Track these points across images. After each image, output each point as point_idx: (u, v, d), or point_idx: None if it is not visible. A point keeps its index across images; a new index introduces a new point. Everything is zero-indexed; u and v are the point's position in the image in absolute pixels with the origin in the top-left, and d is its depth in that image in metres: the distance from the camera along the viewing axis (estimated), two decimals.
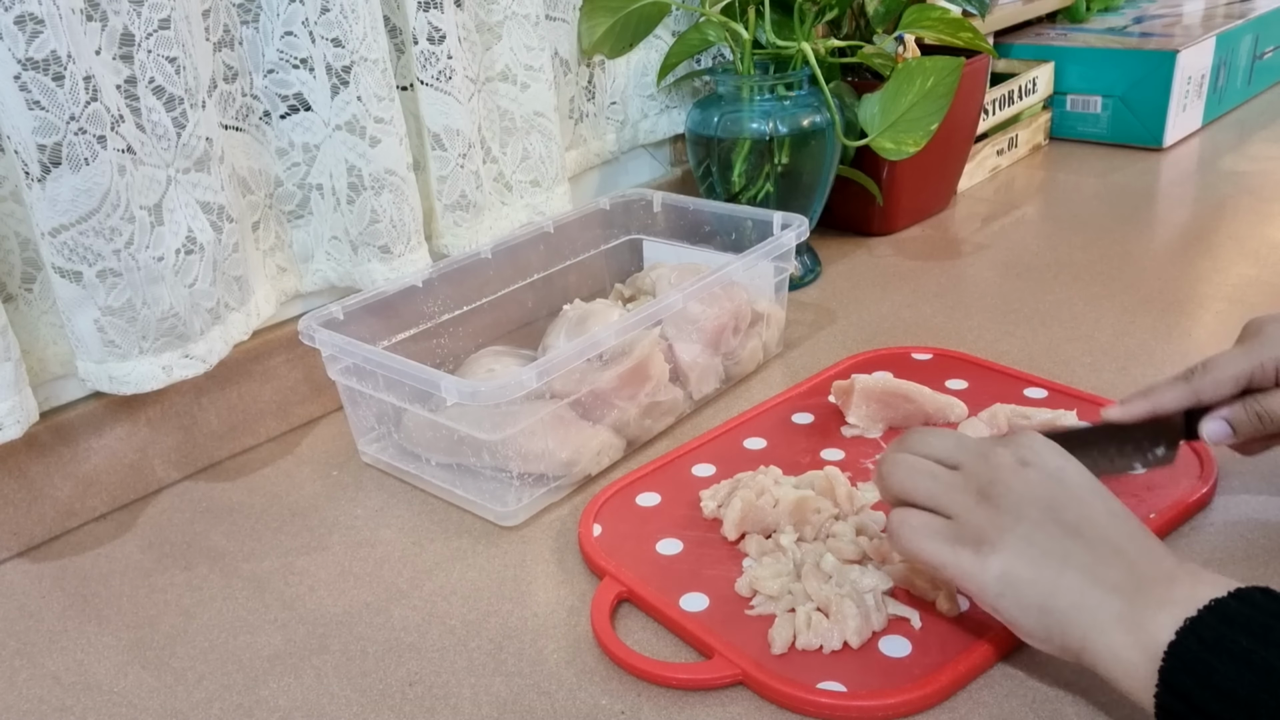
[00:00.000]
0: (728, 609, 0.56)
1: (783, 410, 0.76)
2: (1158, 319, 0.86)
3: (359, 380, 0.72)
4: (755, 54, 0.94)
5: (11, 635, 0.62)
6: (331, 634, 0.59)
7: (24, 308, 0.68)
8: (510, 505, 0.67)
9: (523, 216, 0.91)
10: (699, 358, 0.77)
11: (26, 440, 0.67)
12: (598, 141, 1.01)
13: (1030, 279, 0.96)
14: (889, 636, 0.53)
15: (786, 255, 0.82)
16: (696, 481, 0.68)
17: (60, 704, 0.56)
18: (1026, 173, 1.26)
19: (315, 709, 0.54)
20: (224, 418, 0.78)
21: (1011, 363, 0.80)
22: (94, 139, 0.61)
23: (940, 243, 1.07)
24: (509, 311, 0.87)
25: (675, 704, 0.52)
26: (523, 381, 0.62)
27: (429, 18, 0.78)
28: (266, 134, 0.77)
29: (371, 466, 0.76)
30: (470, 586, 0.62)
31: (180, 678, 0.57)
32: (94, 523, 0.73)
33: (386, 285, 0.78)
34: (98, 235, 0.63)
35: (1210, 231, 1.03)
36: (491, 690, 0.54)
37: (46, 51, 0.58)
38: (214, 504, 0.74)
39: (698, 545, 0.62)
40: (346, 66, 0.74)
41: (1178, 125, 1.29)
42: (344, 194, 0.78)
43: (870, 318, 0.91)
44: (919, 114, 0.94)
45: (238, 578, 0.65)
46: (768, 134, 0.91)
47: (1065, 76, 1.32)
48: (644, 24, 0.98)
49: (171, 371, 0.68)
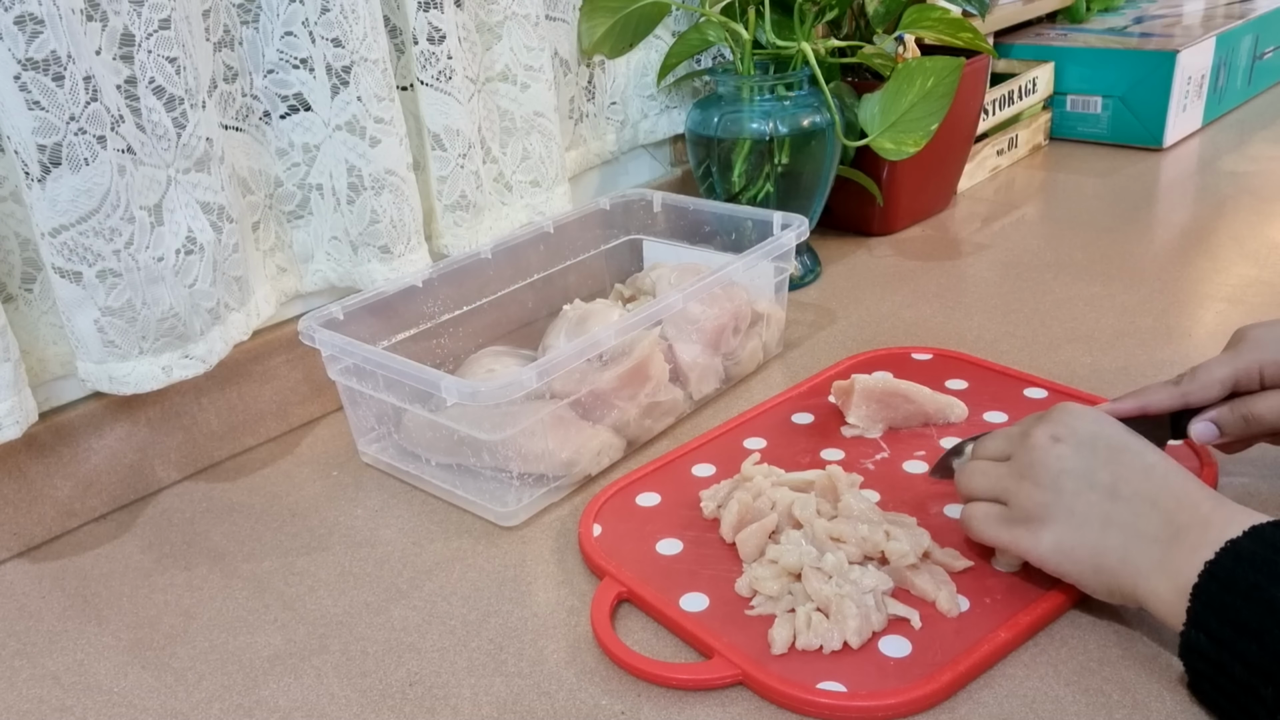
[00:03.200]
0: (728, 609, 0.56)
1: (783, 410, 0.76)
2: (1158, 319, 0.86)
3: (359, 380, 0.72)
4: (755, 54, 0.94)
5: (11, 635, 0.62)
6: (331, 634, 0.59)
7: (24, 308, 0.68)
8: (510, 505, 0.67)
9: (523, 216, 0.91)
10: (699, 358, 0.77)
11: (26, 440, 0.67)
12: (598, 141, 1.01)
13: (1030, 279, 0.96)
14: (889, 636, 0.53)
15: (786, 255, 0.82)
16: (696, 482, 0.68)
17: (60, 704, 0.56)
18: (1026, 173, 1.26)
19: (315, 709, 0.54)
20: (224, 418, 0.78)
21: (1011, 363, 0.80)
22: (94, 139, 0.61)
23: (940, 243, 1.07)
24: (509, 311, 0.88)
25: (675, 704, 0.52)
26: (523, 381, 0.62)
27: (429, 18, 0.78)
28: (266, 134, 0.77)
29: (371, 467, 0.76)
30: (470, 586, 0.62)
31: (180, 678, 0.57)
32: (94, 523, 0.73)
33: (386, 285, 0.78)
34: (98, 235, 0.63)
35: (1210, 231, 1.03)
36: (491, 690, 0.54)
37: (46, 52, 0.58)
38: (214, 504, 0.74)
39: (698, 545, 0.62)
40: (346, 67, 0.74)
41: (1178, 125, 1.29)
42: (344, 194, 0.79)
43: (870, 318, 0.91)
44: (919, 114, 0.94)
45: (238, 578, 0.65)
46: (768, 134, 0.91)
47: (1065, 76, 1.32)
48: (644, 24, 0.98)
49: (171, 372, 0.68)
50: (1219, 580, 0.45)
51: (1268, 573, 0.43)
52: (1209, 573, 0.45)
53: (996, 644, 0.52)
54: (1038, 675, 0.51)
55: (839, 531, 0.58)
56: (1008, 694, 0.50)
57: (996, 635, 0.52)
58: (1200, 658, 0.46)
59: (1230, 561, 0.45)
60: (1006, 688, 0.50)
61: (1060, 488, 0.52)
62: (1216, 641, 0.44)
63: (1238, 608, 0.44)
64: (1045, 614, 0.53)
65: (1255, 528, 0.46)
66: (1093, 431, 0.53)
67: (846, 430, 0.72)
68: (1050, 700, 0.49)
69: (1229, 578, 0.44)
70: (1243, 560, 0.45)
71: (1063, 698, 0.50)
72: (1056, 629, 0.54)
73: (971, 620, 0.53)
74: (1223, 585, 0.44)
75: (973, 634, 0.52)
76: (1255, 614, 0.43)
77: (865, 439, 0.71)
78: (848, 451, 0.70)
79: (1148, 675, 0.50)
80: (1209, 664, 0.45)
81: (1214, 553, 0.45)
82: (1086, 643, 0.53)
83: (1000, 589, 0.55)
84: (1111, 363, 0.80)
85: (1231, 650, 0.44)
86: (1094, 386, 0.75)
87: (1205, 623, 0.45)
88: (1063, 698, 0.50)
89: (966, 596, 0.55)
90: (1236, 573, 0.44)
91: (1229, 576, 0.44)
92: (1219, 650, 0.44)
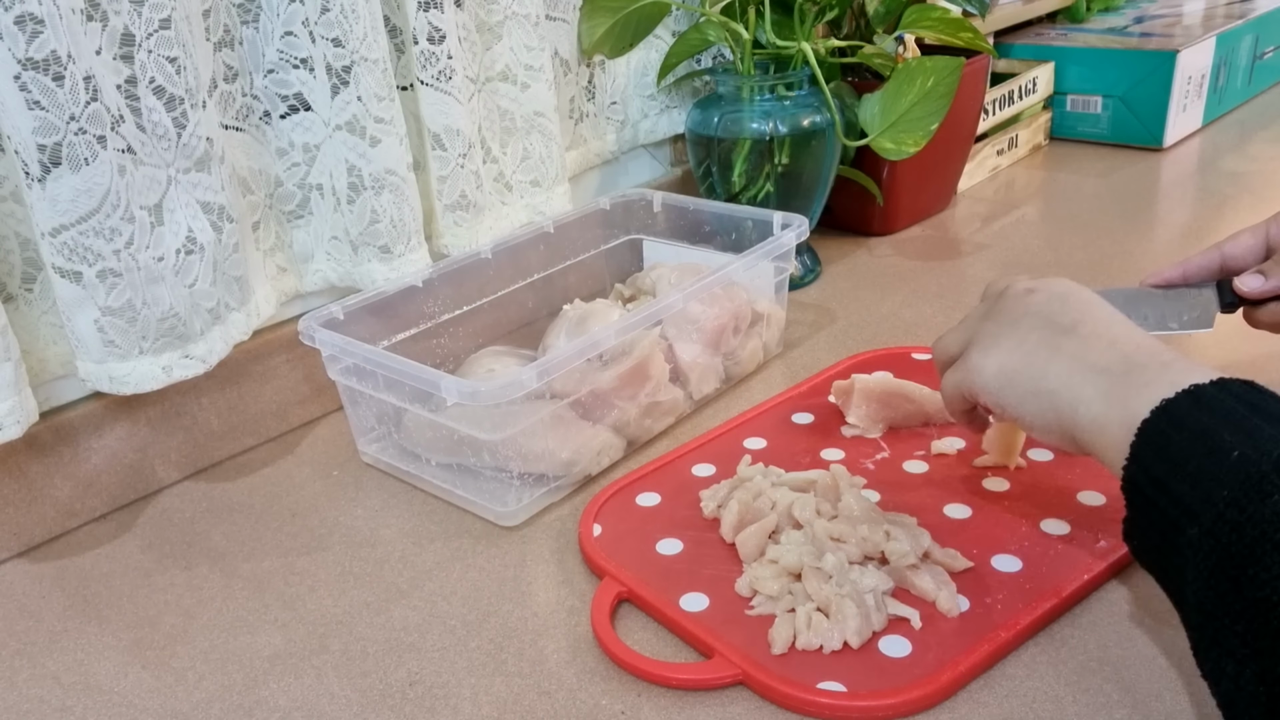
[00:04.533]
0: (728, 609, 0.56)
1: (783, 410, 0.76)
2: None
3: (359, 380, 0.72)
4: (755, 54, 0.94)
5: (11, 635, 0.62)
6: (331, 634, 0.59)
7: (24, 308, 0.68)
8: (510, 505, 0.67)
9: (523, 216, 0.91)
10: (699, 358, 0.77)
11: (26, 440, 0.67)
12: (598, 141, 1.01)
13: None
14: (889, 636, 0.53)
15: (786, 255, 0.82)
16: (696, 481, 0.68)
17: (60, 704, 0.56)
18: (1026, 173, 1.26)
19: (315, 709, 0.54)
20: (224, 418, 0.78)
21: None
22: (94, 139, 0.61)
23: (940, 243, 1.07)
24: (509, 311, 0.88)
25: (675, 704, 0.52)
26: (523, 381, 0.62)
27: (429, 18, 0.78)
28: (266, 134, 0.77)
29: (371, 466, 0.76)
30: (470, 586, 0.62)
31: (180, 678, 0.57)
32: (94, 523, 0.73)
33: (386, 285, 0.78)
34: (98, 235, 0.63)
35: (1210, 231, 1.03)
36: (491, 690, 0.54)
37: (46, 51, 0.58)
38: (214, 504, 0.74)
39: (698, 545, 0.62)
40: (346, 66, 0.74)
41: (1178, 125, 1.29)
42: (344, 194, 0.79)
43: (870, 318, 0.91)
44: (919, 114, 0.94)
45: (238, 578, 0.65)
46: (768, 134, 0.91)
47: (1065, 76, 1.32)
48: (644, 24, 0.98)
49: (171, 371, 0.68)
50: (1171, 417, 0.42)
51: (1225, 419, 0.40)
52: (1163, 409, 0.42)
53: (996, 644, 0.52)
54: (1038, 675, 0.51)
55: (839, 532, 0.58)
56: (1008, 694, 0.50)
57: (996, 635, 0.52)
58: (1137, 493, 0.43)
59: (1189, 403, 0.42)
60: (1006, 688, 0.50)
61: (1019, 323, 0.52)
62: (1153, 480, 0.42)
63: (1182, 446, 0.41)
64: (1045, 614, 0.53)
65: (1223, 379, 0.43)
66: (1067, 288, 0.53)
67: (846, 430, 0.72)
68: (1050, 700, 0.49)
69: (1182, 417, 0.42)
70: (1202, 403, 0.42)
71: (1063, 698, 0.50)
72: (1056, 629, 0.54)
73: (971, 620, 0.53)
74: (1173, 423, 0.42)
75: (973, 634, 0.52)
76: (1197, 453, 0.40)
77: (865, 439, 0.71)
78: (848, 451, 0.70)
79: (1148, 675, 0.50)
80: (1143, 500, 0.42)
81: (1175, 392, 0.43)
82: (1086, 643, 0.53)
83: (1000, 589, 0.55)
84: None
85: (1164, 489, 0.41)
86: None
87: (1144, 459, 0.42)
88: (1063, 698, 0.50)
89: (966, 596, 0.55)
90: (1192, 414, 0.41)
91: (1183, 416, 0.42)
92: (1154, 489, 0.41)
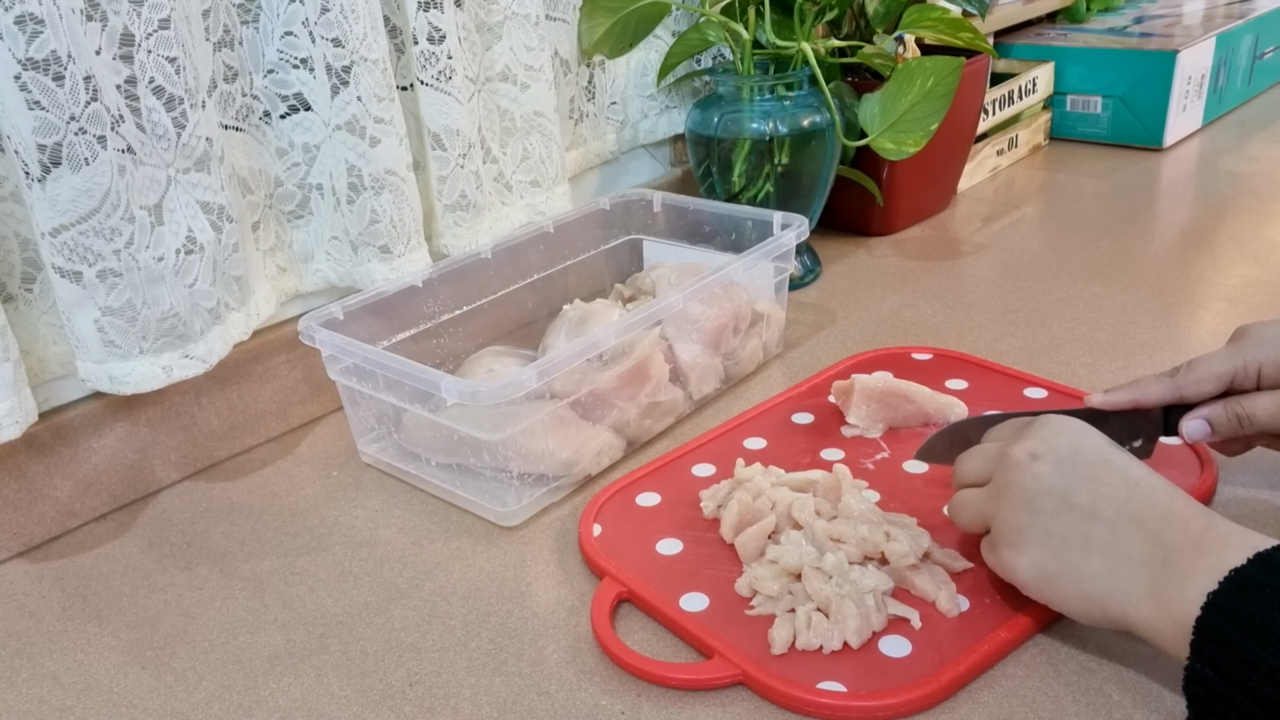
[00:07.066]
0: (728, 609, 0.56)
1: (783, 410, 0.76)
2: (1158, 319, 0.86)
3: (359, 380, 0.72)
4: (755, 54, 0.94)
5: (11, 635, 0.62)
6: (331, 634, 0.59)
7: (24, 308, 0.68)
8: (510, 505, 0.67)
9: (523, 216, 0.91)
10: (699, 358, 0.77)
11: (26, 440, 0.67)
12: (598, 141, 1.01)
13: (1030, 279, 0.96)
14: (889, 636, 0.53)
15: (786, 255, 0.82)
16: (696, 482, 0.68)
17: (60, 704, 0.56)
18: (1026, 173, 1.26)
19: (315, 709, 0.54)
20: (224, 418, 0.78)
21: (1011, 363, 0.80)
22: (94, 139, 0.61)
23: (940, 243, 1.07)
24: (509, 311, 0.87)
25: (675, 704, 0.52)
26: (523, 381, 0.62)
27: (429, 18, 0.78)
28: (266, 134, 0.77)
29: (371, 467, 0.76)
30: (470, 586, 0.62)
31: (180, 678, 0.57)
32: (94, 523, 0.73)
33: (386, 285, 0.78)
34: (98, 235, 0.63)
35: (1210, 231, 1.03)
36: (491, 690, 0.54)
37: (46, 51, 0.58)
38: (214, 504, 0.74)
39: (697, 545, 0.62)
40: (346, 66, 0.74)
41: (1178, 125, 1.29)
42: (344, 194, 0.79)
43: (870, 318, 0.91)
44: (919, 114, 0.94)
45: (238, 578, 0.65)
46: (768, 134, 0.91)
47: (1065, 76, 1.32)
48: (644, 24, 0.98)
49: (171, 371, 0.68)
50: (1224, 612, 0.42)
51: (1277, 604, 0.40)
52: (1212, 604, 0.42)
53: (996, 644, 0.52)
54: (1038, 675, 0.51)
55: (839, 532, 0.58)
56: (1008, 694, 0.50)
57: (996, 635, 0.52)
58: (1208, 692, 0.42)
59: (1235, 592, 0.42)
60: (1006, 688, 0.50)
61: (1037, 509, 0.49)
62: (1226, 678, 0.41)
63: (1246, 644, 0.40)
64: (1045, 614, 0.53)
65: (1261, 554, 0.42)
66: (1072, 446, 0.50)
67: (846, 430, 0.72)
68: (1050, 700, 0.49)
69: (1235, 610, 0.41)
70: (1249, 592, 0.41)
71: (1063, 698, 0.50)
72: (1056, 629, 0.54)
73: (971, 620, 0.53)
74: (1228, 617, 0.41)
75: (973, 634, 0.52)
76: (1268, 650, 0.40)
77: (865, 439, 0.71)
78: (848, 451, 0.70)
79: (1148, 675, 0.50)
80: (1218, 700, 0.42)
81: (1216, 583, 0.42)
82: (1086, 643, 0.53)
83: (1000, 589, 0.55)
84: (1111, 363, 0.80)
85: (1243, 688, 0.41)
86: (1094, 386, 0.75)
87: (1211, 657, 0.42)
88: (1063, 698, 0.50)
89: (966, 596, 0.55)
90: (1244, 606, 0.41)
91: (1234, 609, 0.41)
92: (1229, 687, 0.41)
